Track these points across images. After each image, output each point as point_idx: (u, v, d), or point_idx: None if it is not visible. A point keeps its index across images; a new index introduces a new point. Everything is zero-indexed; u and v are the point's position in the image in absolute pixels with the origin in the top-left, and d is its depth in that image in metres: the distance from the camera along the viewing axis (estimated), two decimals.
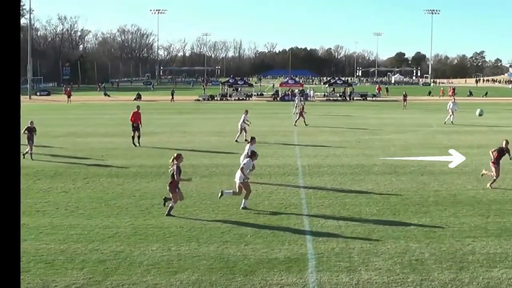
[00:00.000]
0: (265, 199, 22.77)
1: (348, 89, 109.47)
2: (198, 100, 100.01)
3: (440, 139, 42.68)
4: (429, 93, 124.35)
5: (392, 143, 40.33)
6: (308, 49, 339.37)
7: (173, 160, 20.56)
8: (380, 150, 36.60)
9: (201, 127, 52.13)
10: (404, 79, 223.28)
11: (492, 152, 25.61)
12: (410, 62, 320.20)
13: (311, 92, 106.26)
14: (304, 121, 52.76)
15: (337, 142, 40.84)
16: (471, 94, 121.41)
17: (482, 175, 26.38)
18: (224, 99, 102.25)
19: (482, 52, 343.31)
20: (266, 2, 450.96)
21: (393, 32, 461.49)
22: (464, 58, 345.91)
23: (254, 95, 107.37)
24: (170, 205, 20.51)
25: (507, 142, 25.64)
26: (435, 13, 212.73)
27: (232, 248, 16.69)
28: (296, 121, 53.40)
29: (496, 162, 25.25)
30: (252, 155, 22.50)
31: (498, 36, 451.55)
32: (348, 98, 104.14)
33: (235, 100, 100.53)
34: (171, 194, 20.46)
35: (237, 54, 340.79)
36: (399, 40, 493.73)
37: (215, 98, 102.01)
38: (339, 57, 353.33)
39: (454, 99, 61.67)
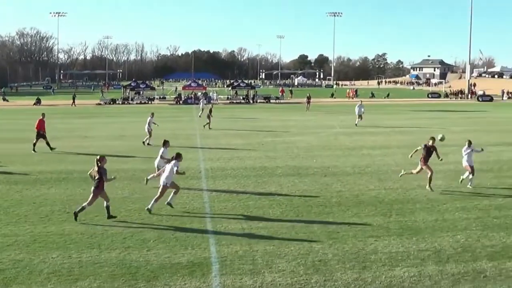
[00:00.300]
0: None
1: (251, 92, 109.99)
2: (100, 104, 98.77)
3: (342, 141, 43.26)
4: (332, 95, 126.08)
5: (295, 145, 40.65)
6: (211, 51, 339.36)
7: (97, 163, 20.09)
8: (283, 152, 36.83)
9: (103, 131, 51.45)
10: (307, 82, 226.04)
11: (420, 149, 25.38)
12: (313, 64, 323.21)
13: (214, 95, 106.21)
14: (209, 124, 52.62)
15: (240, 144, 40.88)
16: (373, 95, 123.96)
17: (401, 175, 26.51)
18: (126, 102, 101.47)
19: (384, 54, 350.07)
20: (168, 4, 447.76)
21: (296, 35, 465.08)
22: (366, 60, 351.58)
23: (157, 98, 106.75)
24: (82, 206, 20.08)
25: (434, 141, 25.36)
26: (337, 15, 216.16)
27: (135, 254, 16.44)
28: (206, 124, 52.97)
29: (426, 160, 25.08)
30: (178, 156, 22.15)
31: (399, 38, 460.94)
32: (251, 101, 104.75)
33: (137, 103, 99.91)
34: (90, 196, 20.02)
35: (139, 57, 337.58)
36: (302, 43, 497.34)
37: (117, 102, 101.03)
38: (242, 59, 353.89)
39: (361, 101, 62.63)
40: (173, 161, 21.73)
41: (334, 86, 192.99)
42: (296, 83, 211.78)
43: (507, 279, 14.57)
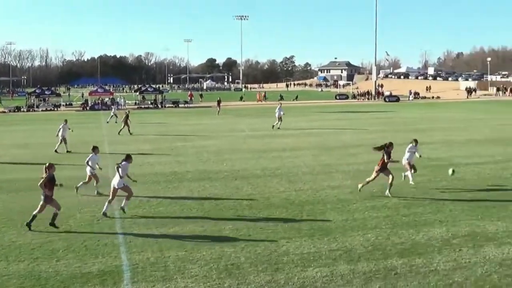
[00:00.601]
0: (76, 212, 22.04)
1: (160, 97, 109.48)
2: (4, 112, 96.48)
3: (253, 144, 43.37)
4: (241, 98, 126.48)
5: (205, 149, 40.52)
6: (118, 56, 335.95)
7: (45, 171, 19.57)
8: (193, 157, 36.69)
9: (7, 139, 50.22)
10: (216, 85, 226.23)
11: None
12: (221, 68, 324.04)
13: (122, 100, 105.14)
14: (120, 130, 52.41)
15: (150, 150, 40.54)
16: (282, 98, 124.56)
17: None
18: (31, 110, 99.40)
19: (292, 56, 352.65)
20: (72, 9, 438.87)
21: (203, 39, 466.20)
22: (274, 63, 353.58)
23: (63, 105, 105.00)
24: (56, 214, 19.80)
25: (391, 145, 24.43)
26: (244, 19, 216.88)
27: (44, 265, 16.02)
28: (126, 130, 52.44)
29: (384, 164, 24.16)
30: (127, 158, 21.94)
31: (307, 41, 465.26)
32: (159, 106, 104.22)
33: (42, 111, 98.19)
34: (41, 204, 19.74)
35: (44, 63, 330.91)
36: (210, 46, 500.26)
37: (22, 110, 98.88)
38: (149, 64, 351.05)
39: (281, 104, 62.88)
40: (123, 163, 21.57)
41: (243, 90, 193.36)
42: (205, 87, 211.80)
43: (417, 275, 14.77)
